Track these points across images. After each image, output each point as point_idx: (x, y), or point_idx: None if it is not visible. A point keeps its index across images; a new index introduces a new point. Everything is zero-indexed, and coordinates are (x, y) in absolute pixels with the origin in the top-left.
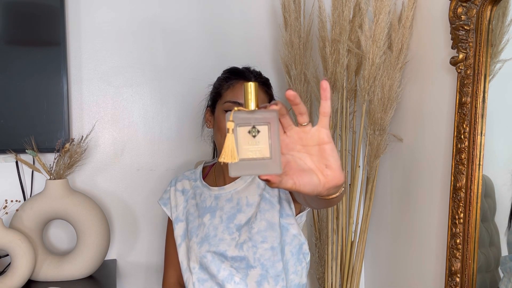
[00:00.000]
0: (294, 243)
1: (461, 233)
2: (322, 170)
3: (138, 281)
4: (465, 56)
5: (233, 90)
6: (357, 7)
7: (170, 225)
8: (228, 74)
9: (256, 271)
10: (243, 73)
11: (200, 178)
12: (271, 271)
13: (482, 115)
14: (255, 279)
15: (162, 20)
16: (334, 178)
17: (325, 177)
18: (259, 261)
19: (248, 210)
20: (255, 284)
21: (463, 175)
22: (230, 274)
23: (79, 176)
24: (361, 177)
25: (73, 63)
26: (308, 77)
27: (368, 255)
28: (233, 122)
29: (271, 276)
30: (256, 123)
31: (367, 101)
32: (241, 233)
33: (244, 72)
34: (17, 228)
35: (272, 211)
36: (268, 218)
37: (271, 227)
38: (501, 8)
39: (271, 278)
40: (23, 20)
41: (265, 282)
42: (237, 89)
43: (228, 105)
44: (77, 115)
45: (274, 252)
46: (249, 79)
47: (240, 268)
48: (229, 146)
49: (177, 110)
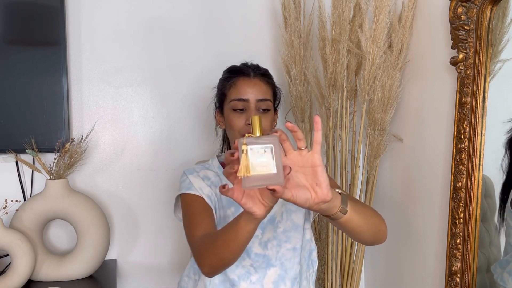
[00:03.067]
0: (307, 248)
1: (461, 233)
2: (313, 188)
3: (138, 281)
4: (465, 56)
5: (235, 88)
6: (357, 7)
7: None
8: (228, 73)
9: (275, 270)
10: (242, 70)
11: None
12: (290, 273)
13: (482, 115)
14: (272, 279)
15: (162, 20)
16: (322, 195)
17: (315, 193)
18: (279, 260)
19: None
20: (272, 285)
21: (463, 175)
22: (247, 273)
23: (79, 176)
24: (361, 177)
25: (73, 63)
26: (308, 77)
27: (368, 255)
28: (246, 145)
29: (288, 278)
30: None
31: (367, 101)
32: (265, 231)
33: (242, 68)
34: (17, 228)
35: (298, 213)
36: (294, 219)
37: (296, 228)
38: (501, 8)
39: (288, 280)
40: (23, 20)
41: (281, 283)
42: (239, 87)
43: (234, 104)
44: (77, 115)
45: (295, 254)
46: (248, 73)
47: (260, 267)
48: (244, 163)
49: (177, 110)
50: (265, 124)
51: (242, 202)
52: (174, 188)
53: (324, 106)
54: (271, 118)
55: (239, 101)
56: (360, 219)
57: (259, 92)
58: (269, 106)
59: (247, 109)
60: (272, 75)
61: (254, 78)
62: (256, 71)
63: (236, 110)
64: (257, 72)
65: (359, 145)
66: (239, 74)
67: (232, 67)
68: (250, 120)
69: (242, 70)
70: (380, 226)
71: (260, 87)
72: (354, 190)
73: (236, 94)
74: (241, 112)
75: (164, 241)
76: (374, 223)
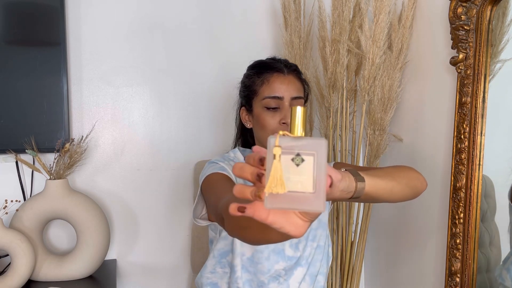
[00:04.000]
0: (326, 244)
1: (461, 233)
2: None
3: (138, 281)
4: (465, 56)
5: (268, 84)
6: (357, 7)
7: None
8: (258, 68)
9: (302, 270)
10: (274, 65)
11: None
12: (311, 269)
13: (482, 115)
14: (298, 279)
15: (162, 20)
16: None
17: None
18: (306, 260)
19: None
20: (297, 284)
21: (463, 175)
22: (278, 275)
23: (79, 176)
24: None
25: (73, 63)
26: (308, 77)
27: (368, 255)
28: (280, 147)
29: (309, 274)
30: (301, 151)
31: (367, 101)
32: None
33: (273, 63)
34: (17, 228)
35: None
36: (320, 216)
37: (322, 225)
38: (501, 8)
39: (308, 276)
40: (23, 20)
41: (303, 282)
42: (272, 83)
43: (267, 101)
44: (77, 115)
45: (319, 251)
46: (281, 70)
47: (289, 269)
48: (276, 175)
49: (177, 110)
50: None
51: (269, 221)
52: (174, 188)
53: (324, 106)
54: None
55: (273, 99)
56: (385, 182)
57: (294, 90)
58: (302, 103)
59: (281, 107)
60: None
61: (288, 75)
62: (289, 67)
63: (269, 109)
64: (290, 68)
65: (359, 145)
66: (272, 70)
67: (260, 62)
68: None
69: (275, 65)
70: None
71: (294, 84)
72: None
73: (270, 92)
74: (275, 111)
75: (164, 241)
76: (404, 176)
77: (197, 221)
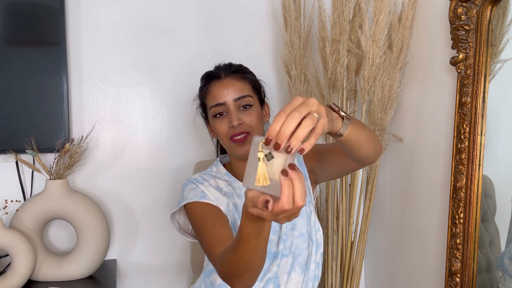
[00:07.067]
0: (313, 231)
1: (461, 233)
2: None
3: (138, 281)
4: (465, 56)
5: (210, 94)
6: (357, 7)
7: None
8: (202, 81)
9: (288, 260)
10: (212, 73)
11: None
12: (299, 259)
13: (482, 115)
14: (286, 270)
15: (162, 20)
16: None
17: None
18: (290, 249)
19: None
20: (286, 274)
21: (463, 175)
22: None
23: (79, 176)
24: (361, 177)
25: (73, 63)
26: (308, 77)
27: (368, 255)
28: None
29: (298, 264)
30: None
31: (367, 101)
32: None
33: (212, 72)
34: (17, 228)
35: None
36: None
37: (301, 214)
38: (501, 8)
39: (297, 266)
40: (23, 20)
41: (293, 271)
42: (212, 91)
43: (213, 110)
44: (77, 115)
45: (302, 239)
46: (219, 76)
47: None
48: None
49: (177, 110)
50: (251, 120)
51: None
52: (174, 188)
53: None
54: (256, 113)
55: (216, 107)
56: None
57: (234, 92)
58: (250, 101)
59: (227, 112)
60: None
61: (225, 79)
62: (226, 70)
63: (217, 116)
64: (227, 71)
65: None
66: (211, 79)
67: (205, 73)
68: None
69: (213, 73)
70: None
71: (233, 85)
72: (354, 190)
73: (212, 100)
74: (223, 116)
75: (164, 241)
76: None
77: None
